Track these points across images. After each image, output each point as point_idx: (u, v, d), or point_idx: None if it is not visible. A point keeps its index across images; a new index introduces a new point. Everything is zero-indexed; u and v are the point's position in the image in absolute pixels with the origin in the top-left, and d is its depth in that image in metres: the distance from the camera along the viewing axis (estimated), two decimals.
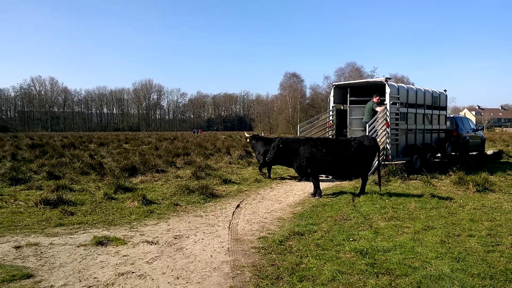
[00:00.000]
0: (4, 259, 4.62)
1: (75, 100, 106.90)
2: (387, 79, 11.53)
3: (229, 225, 6.24)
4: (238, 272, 4.25)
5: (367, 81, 13.24)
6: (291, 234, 5.54)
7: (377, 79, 12.45)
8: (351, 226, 5.96)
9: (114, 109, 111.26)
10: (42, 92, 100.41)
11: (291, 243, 5.16)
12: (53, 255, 4.79)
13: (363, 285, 3.79)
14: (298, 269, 4.26)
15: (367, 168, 8.71)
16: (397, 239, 5.25)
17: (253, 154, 10.54)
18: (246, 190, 9.46)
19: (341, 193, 8.65)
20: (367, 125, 10.62)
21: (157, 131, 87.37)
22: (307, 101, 70.60)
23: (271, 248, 4.99)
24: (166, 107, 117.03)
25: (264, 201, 8.27)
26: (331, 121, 13.32)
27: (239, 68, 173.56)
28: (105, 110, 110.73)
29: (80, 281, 4.03)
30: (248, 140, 12.06)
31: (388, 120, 11.27)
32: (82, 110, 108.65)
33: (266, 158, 8.69)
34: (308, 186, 9.79)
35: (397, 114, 11.73)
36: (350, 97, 13.50)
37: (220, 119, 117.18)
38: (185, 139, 32.56)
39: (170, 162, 13.87)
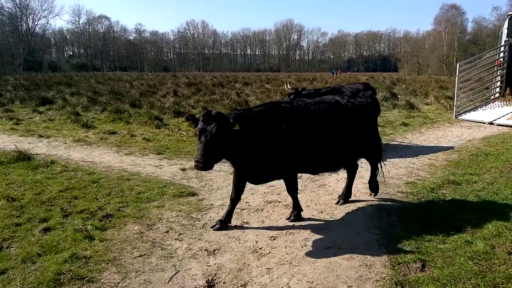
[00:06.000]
0: (173, 178, 5.41)
1: (222, 42, 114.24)
2: None
3: None
4: (384, 214, 4.11)
5: None
6: (445, 183, 5.05)
7: None
8: None
9: (257, 50, 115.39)
10: (195, 35, 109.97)
11: (445, 192, 4.71)
12: (211, 179, 5.40)
13: None
14: (452, 218, 3.88)
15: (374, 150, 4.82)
16: None
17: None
18: (391, 133, 8.91)
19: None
20: None
21: (296, 72, 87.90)
22: (467, 37, 60.77)
23: (421, 195, 4.66)
24: (305, 48, 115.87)
25: (412, 146, 7.68)
26: (501, 59, 11.23)
27: (385, 1, 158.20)
28: (248, 51, 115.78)
29: None
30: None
31: None
32: (228, 51, 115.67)
33: None
34: (466, 134, 8.71)
35: None
36: None
37: (361, 59, 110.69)
38: (324, 80, 32.00)
39: None
